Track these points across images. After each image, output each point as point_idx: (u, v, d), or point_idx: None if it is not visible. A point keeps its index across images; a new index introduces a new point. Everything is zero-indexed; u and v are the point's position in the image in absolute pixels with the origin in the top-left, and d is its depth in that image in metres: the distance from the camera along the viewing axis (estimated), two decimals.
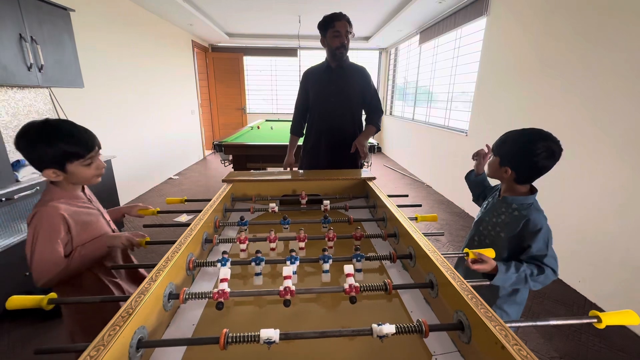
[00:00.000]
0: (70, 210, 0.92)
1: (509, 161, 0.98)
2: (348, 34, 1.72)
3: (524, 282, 0.92)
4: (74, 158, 0.88)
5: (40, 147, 0.84)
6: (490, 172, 1.07)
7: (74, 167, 0.89)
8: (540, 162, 0.92)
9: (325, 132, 1.88)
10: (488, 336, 0.56)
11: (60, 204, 0.91)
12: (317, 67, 1.89)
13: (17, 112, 2.12)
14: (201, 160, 6.14)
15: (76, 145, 0.88)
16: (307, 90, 1.88)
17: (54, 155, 0.86)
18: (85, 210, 0.98)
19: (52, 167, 0.87)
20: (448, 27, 3.90)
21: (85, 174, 0.93)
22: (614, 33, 1.84)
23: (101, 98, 3.10)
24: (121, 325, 0.56)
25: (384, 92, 7.05)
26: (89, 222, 0.98)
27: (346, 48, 1.75)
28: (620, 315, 0.68)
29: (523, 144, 0.95)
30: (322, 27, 1.74)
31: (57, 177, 0.89)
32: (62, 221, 0.90)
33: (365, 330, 0.61)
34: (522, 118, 2.63)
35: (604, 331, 1.72)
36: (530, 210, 0.98)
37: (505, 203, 1.03)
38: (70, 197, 0.95)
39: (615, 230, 1.84)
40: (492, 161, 1.06)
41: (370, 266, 1.02)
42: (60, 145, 0.86)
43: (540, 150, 0.91)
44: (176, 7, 3.89)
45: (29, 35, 1.92)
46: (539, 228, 0.95)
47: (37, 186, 1.89)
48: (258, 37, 6.04)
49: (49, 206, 0.89)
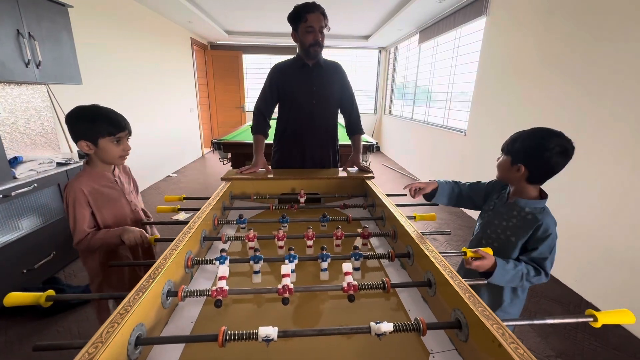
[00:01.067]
0: (90, 186, 1.07)
1: (522, 158, 0.95)
2: (323, 28, 1.55)
3: (519, 280, 0.93)
4: (106, 134, 1.03)
5: (82, 121, 1.01)
6: (500, 173, 1.03)
7: (104, 143, 1.04)
8: (554, 159, 0.91)
9: (304, 134, 1.73)
10: (485, 334, 0.57)
11: (83, 181, 1.06)
12: (290, 63, 1.71)
13: (14, 108, 2.10)
14: (200, 158, 6.12)
15: (110, 123, 1.04)
16: (278, 87, 1.70)
17: (91, 128, 1.02)
18: (106, 190, 1.11)
19: (86, 139, 1.02)
20: (447, 26, 3.90)
21: (113, 152, 1.07)
22: (613, 32, 1.84)
23: (99, 95, 3.08)
24: (119, 322, 0.56)
25: (383, 91, 7.05)
26: (109, 200, 1.11)
27: (321, 45, 1.58)
28: (616, 315, 0.68)
29: (536, 140, 0.93)
30: (292, 20, 1.56)
31: (89, 149, 1.04)
32: (83, 199, 1.05)
33: (364, 328, 0.61)
34: (521, 118, 2.63)
35: (599, 330, 1.73)
36: (544, 215, 0.98)
37: (518, 207, 1.01)
38: (97, 175, 1.10)
39: (612, 230, 1.85)
40: (502, 161, 1.01)
41: (368, 265, 1.03)
42: (97, 122, 1.02)
43: (553, 145, 0.90)
44: (175, 4, 3.88)
45: (26, 31, 1.91)
46: (549, 234, 0.95)
47: (35, 183, 1.88)
48: (257, 35, 6.02)
49: (72, 183, 1.05)
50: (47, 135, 2.37)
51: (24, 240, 1.84)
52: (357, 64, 7.12)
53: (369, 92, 7.34)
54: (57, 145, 2.46)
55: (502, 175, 1.03)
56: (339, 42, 6.28)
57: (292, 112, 1.72)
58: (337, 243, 1.06)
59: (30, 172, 1.94)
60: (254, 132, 1.77)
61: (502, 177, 1.04)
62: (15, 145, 2.11)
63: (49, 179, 2.00)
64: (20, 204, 1.84)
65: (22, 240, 1.83)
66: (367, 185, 1.51)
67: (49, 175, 1.99)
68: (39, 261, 1.93)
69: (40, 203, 1.97)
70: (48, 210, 2.04)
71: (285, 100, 1.72)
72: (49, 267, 2.02)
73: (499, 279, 0.90)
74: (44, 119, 2.34)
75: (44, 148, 2.35)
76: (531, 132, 0.96)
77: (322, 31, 1.56)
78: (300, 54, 1.66)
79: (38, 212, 1.96)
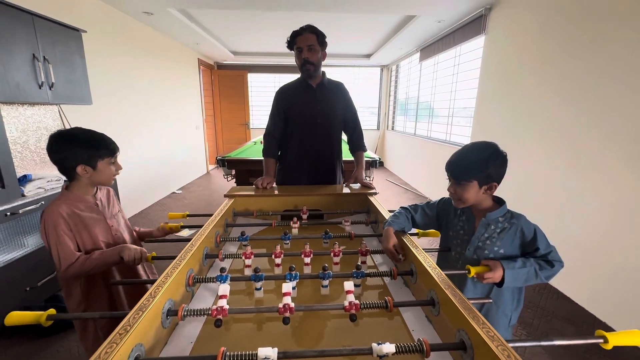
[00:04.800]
0: (70, 210, 1.05)
1: (491, 176, 0.95)
2: (312, 47, 1.57)
3: (535, 277, 0.93)
4: (105, 156, 1.07)
5: (82, 147, 1.03)
6: (472, 201, 0.99)
7: (103, 165, 1.07)
8: (506, 164, 0.97)
9: (308, 154, 1.76)
10: (491, 356, 0.55)
11: (62, 205, 1.04)
12: (293, 85, 1.76)
13: (26, 128, 2.17)
14: (205, 174, 6.18)
15: (107, 146, 1.08)
16: (284, 110, 1.73)
17: (93, 153, 1.04)
18: (86, 214, 1.09)
19: (86, 163, 1.04)
20: (447, 45, 3.99)
21: (109, 172, 1.10)
22: (608, 48, 1.87)
23: (109, 114, 3.17)
24: (118, 342, 0.55)
25: (386, 107, 7.15)
26: (87, 224, 1.09)
27: (314, 64, 1.60)
28: (627, 335, 0.66)
29: (495, 154, 0.96)
30: (289, 46, 1.64)
31: (85, 173, 1.05)
32: (63, 222, 1.02)
33: (365, 350, 0.60)
34: (521, 132, 2.64)
35: (615, 352, 1.66)
36: (515, 217, 1.00)
37: (491, 220, 1.01)
38: (76, 199, 1.09)
39: (623, 245, 1.80)
40: (469, 188, 0.97)
41: (371, 283, 1.01)
42: (99, 146, 1.06)
43: (504, 153, 0.97)
44: (184, 27, 4.04)
45: (41, 55, 1.99)
46: (534, 229, 0.97)
47: (42, 201, 1.91)
48: (262, 55, 6.21)
49: (49, 209, 1.03)
50: None
51: (28, 258, 1.85)
52: (359, 81, 7.27)
53: (371, 109, 7.45)
54: None
55: (475, 201, 1.00)
56: (342, 60, 6.45)
57: (297, 130, 1.75)
58: (336, 261, 1.05)
59: (39, 189, 1.97)
60: (264, 155, 1.80)
61: (473, 202, 1.01)
62: (25, 164, 2.16)
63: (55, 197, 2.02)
64: (27, 221, 1.86)
65: (26, 257, 1.84)
66: (370, 201, 1.51)
67: (56, 193, 2.02)
68: (42, 279, 1.93)
69: None
70: None
71: (290, 120, 1.76)
72: (52, 285, 2.02)
73: (513, 282, 0.91)
74: None
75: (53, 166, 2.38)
76: (481, 149, 0.97)
77: (313, 49, 1.58)
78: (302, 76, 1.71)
79: None
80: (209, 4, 3.28)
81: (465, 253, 1.05)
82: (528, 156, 2.56)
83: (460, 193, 0.98)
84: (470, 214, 1.07)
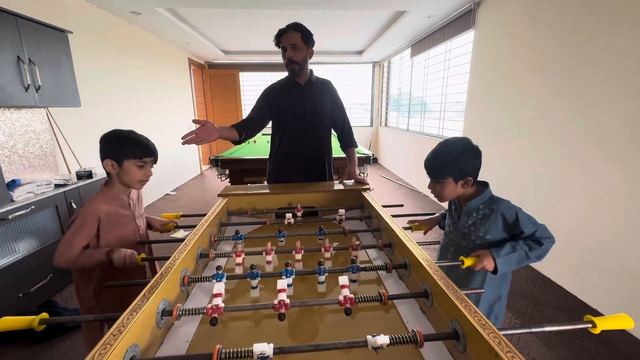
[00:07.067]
0: (109, 209, 1.09)
1: (466, 171, 1.00)
2: (296, 46, 1.57)
3: (527, 259, 0.96)
4: (132, 156, 1.08)
5: (112, 141, 1.07)
6: (450, 196, 1.05)
7: (128, 164, 1.08)
8: (479, 156, 1.01)
9: (299, 152, 1.75)
10: (482, 344, 0.56)
11: (102, 205, 1.08)
12: (282, 83, 1.75)
13: (13, 132, 2.13)
14: (198, 175, 6.14)
15: (137, 147, 1.09)
16: (272, 105, 1.72)
17: (119, 148, 1.07)
18: (120, 212, 1.14)
19: (112, 158, 1.06)
20: (438, 40, 4.01)
21: (135, 175, 1.10)
22: (598, 41, 1.90)
23: (98, 116, 3.13)
24: (112, 343, 0.55)
25: (379, 103, 7.16)
26: (118, 223, 1.12)
27: (298, 63, 1.60)
28: (615, 320, 0.68)
29: (466, 149, 1.00)
30: (276, 44, 1.65)
31: (113, 169, 1.08)
32: (95, 221, 1.05)
33: (360, 342, 0.61)
34: (512, 125, 2.67)
35: (607, 338, 1.70)
36: (495, 203, 1.03)
37: (472, 209, 1.06)
38: (113, 197, 1.12)
39: (613, 235, 1.84)
40: (446, 186, 1.02)
41: (366, 277, 1.02)
42: (127, 143, 1.07)
43: (474, 146, 1.01)
44: (173, 26, 3.99)
45: (27, 57, 1.96)
46: (515, 212, 0.99)
47: (32, 205, 1.88)
48: (253, 53, 6.17)
49: (89, 205, 1.06)
50: (45, 158, 2.39)
51: (20, 264, 1.83)
52: (352, 78, 7.26)
53: (364, 105, 7.46)
54: (55, 167, 2.48)
55: (453, 196, 1.07)
56: (334, 58, 6.44)
57: (286, 128, 1.74)
58: (327, 256, 1.06)
59: (28, 194, 1.94)
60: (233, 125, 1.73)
61: (452, 198, 1.09)
62: (13, 169, 2.13)
63: (46, 201, 2.00)
64: (18, 226, 1.84)
65: (18, 263, 1.82)
66: (364, 197, 1.51)
67: (46, 197, 2.00)
68: (35, 284, 1.91)
69: (37, 225, 1.97)
70: (45, 232, 2.03)
71: (279, 118, 1.75)
72: (46, 290, 1.99)
73: (506, 267, 0.95)
74: (42, 142, 2.37)
75: (43, 170, 2.36)
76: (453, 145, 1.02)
77: (297, 47, 1.57)
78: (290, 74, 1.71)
79: (35, 234, 1.96)
80: (196, 3, 3.25)
81: (456, 240, 1.11)
82: (517, 148, 2.60)
83: (439, 190, 1.05)
84: (457, 204, 1.13)
